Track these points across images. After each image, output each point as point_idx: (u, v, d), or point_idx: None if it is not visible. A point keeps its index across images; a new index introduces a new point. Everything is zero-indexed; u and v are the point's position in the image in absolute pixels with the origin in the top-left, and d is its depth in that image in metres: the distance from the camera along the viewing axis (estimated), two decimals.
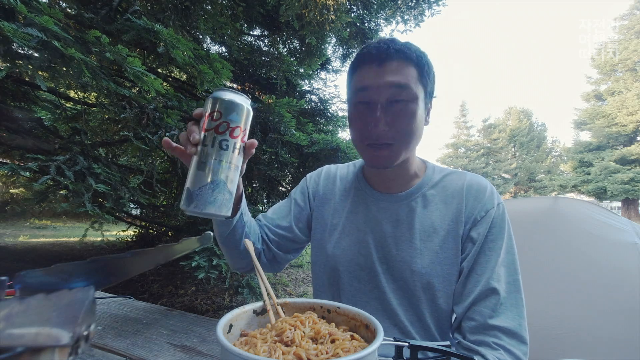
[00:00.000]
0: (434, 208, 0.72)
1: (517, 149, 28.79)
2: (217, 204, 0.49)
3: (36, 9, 1.45)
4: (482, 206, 0.70)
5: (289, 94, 3.49)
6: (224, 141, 0.49)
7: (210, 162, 0.49)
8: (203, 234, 0.57)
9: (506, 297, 0.64)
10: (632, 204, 17.99)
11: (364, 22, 3.88)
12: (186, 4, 2.49)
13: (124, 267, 0.42)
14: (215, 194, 0.48)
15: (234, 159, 0.51)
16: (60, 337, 0.28)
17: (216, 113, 0.49)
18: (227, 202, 0.50)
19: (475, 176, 0.75)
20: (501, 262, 0.66)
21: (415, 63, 0.66)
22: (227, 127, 0.49)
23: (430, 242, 0.69)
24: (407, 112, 0.65)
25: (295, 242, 0.84)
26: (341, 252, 0.76)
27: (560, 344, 1.48)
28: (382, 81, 0.64)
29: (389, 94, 0.64)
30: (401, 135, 0.66)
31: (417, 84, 0.65)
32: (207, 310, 3.10)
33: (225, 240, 0.71)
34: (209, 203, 0.48)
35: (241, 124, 0.51)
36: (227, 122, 0.49)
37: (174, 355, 0.61)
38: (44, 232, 8.06)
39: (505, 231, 0.69)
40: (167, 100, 2.26)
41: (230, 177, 0.50)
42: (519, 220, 1.90)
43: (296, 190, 0.88)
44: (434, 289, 0.68)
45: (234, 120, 0.50)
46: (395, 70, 0.64)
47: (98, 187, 1.88)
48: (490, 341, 0.61)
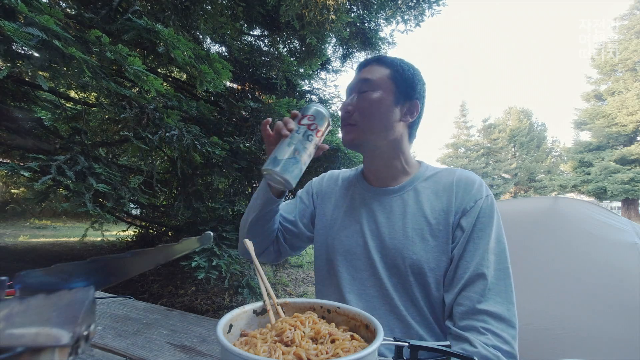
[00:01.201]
0: (425, 199, 0.77)
1: (517, 149, 28.79)
2: (293, 175, 0.64)
3: (37, 9, 1.45)
4: (471, 197, 0.74)
5: (289, 94, 3.48)
6: (310, 135, 0.67)
7: (297, 145, 0.66)
8: (203, 234, 0.57)
9: (495, 282, 0.66)
10: (632, 204, 17.99)
11: (364, 22, 3.89)
12: (186, 4, 2.49)
13: (124, 267, 0.42)
14: (294, 167, 0.64)
15: (310, 150, 0.68)
16: (60, 337, 0.28)
17: (311, 116, 0.69)
18: (297, 177, 0.65)
19: (464, 171, 0.81)
20: (491, 250, 0.69)
21: (388, 66, 0.80)
22: (315, 127, 0.69)
23: (421, 230, 0.74)
24: (370, 99, 0.78)
25: (299, 238, 0.91)
26: (339, 242, 0.82)
27: (560, 344, 1.48)
28: (358, 78, 0.82)
29: (360, 86, 0.80)
30: (363, 117, 0.78)
31: (386, 80, 0.79)
32: (207, 310, 3.10)
33: (264, 216, 0.81)
34: (288, 171, 0.63)
35: (322, 128, 0.71)
36: (316, 124, 0.69)
37: (174, 355, 0.61)
38: (44, 232, 8.06)
39: (494, 221, 0.72)
40: (167, 100, 2.26)
41: (305, 161, 0.67)
42: (519, 220, 1.90)
43: (302, 191, 0.98)
44: (425, 275, 0.72)
45: (319, 124, 0.70)
46: (368, 71, 0.81)
47: (99, 186, 1.88)
48: (479, 326, 0.62)
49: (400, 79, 0.79)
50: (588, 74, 21.94)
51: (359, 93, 0.79)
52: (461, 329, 0.64)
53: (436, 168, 0.84)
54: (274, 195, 0.79)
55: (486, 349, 0.59)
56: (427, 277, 0.71)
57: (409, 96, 0.80)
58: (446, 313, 0.71)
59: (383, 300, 0.74)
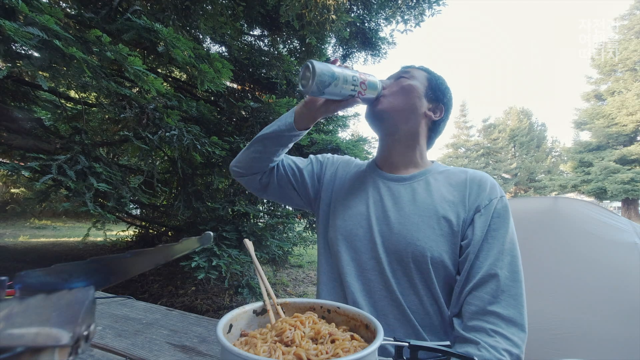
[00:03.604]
0: (435, 190, 0.77)
1: (517, 149, 28.77)
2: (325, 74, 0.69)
3: (37, 9, 1.45)
4: (486, 195, 0.74)
5: (289, 94, 3.48)
6: (355, 86, 0.74)
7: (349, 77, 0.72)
8: (203, 234, 0.57)
9: (509, 284, 0.65)
10: (632, 204, 17.98)
11: (364, 22, 3.89)
12: (186, 4, 2.49)
13: (124, 267, 0.42)
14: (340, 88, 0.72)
15: (347, 89, 0.73)
16: (60, 337, 0.28)
17: (367, 82, 0.76)
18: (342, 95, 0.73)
19: (477, 171, 0.81)
20: (506, 251, 0.68)
21: (428, 72, 0.88)
22: (365, 87, 0.76)
23: (428, 218, 0.73)
24: (405, 83, 0.83)
25: (292, 185, 0.92)
26: (342, 222, 0.82)
27: (561, 344, 1.48)
28: (400, 70, 0.89)
29: (399, 74, 0.86)
30: (393, 94, 0.82)
31: (423, 77, 0.85)
32: (207, 310, 3.10)
33: (276, 137, 0.83)
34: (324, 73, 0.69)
35: (366, 93, 0.77)
36: (365, 88, 0.76)
37: (174, 355, 0.61)
38: (44, 232, 8.05)
39: (509, 222, 0.71)
40: (167, 100, 2.26)
41: (339, 85, 0.71)
42: (519, 220, 1.90)
43: (316, 156, 0.99)
44: (427, 263, 0.70)
45: (368, 89, 0.77)
46: (411, 68, 0.88)
47: (99, 186, 1.88)
48: (488, 327, 0.61)
49: (435, 83, 0.85)
50: (588, 74, 21.94)
51: (398, 77, 0.85)
52: (469, 328, 0.63)
53: (448, 167, 0.85)
54: (295, 126, 0.81)
55: (492, 352, 0.58)
56: (428, 265, 0.70)
57: (438, 98, 0.85)
58: (455, 310, 0.70)
59: (381, 284, 0.73)
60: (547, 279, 1.66)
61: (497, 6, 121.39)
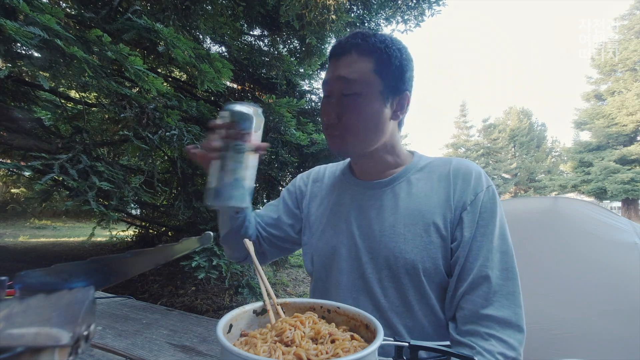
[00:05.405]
0: (419, 192, 0.71)
1: (517, 149, 28.76)
2: (238, 197, 0.59)
3: (38, 8, 1.45)
4: (471, 189, 0.68)
5: (289, 94, 3.48)
6: (239, 146, 0.59)
7: (230, 164, 0.59)
8: (203, 234, 0.57)
9: (500, 284, 0.62)
10: (632, 204, 17.98)
11: (364, 22, 3.88)
12: (186, 4, 2.49)
13: (124, 267, 0.42)
14: (235, 190, 0.59)
15: (247, 162, 0.60)
16: (60, 337, 0.28)
17: (232, 123, 0.59)
18: (242, 195, 0.60)
19: (461, 160, 0.74)
20: (495, 248, 0.64)
21: (372, 55, 0.67)
22: (242, 133, 0.59)
23: (414, 226, 0.68)
24: (354, 106, 0.67)
25: (283, 239, 0.86)
26: (324, 243, 0.76)
27: (560, 344, 1.48)
28: (335, 75, 0.69)
29: (340, 87, 0.68)
30: (348, 127, 0.69)
31: (371, 77, 0.67)
32: (207, 310, 3.10)
33: (232, 231, 0.76)
34: (232, 198, 0.59)
35: (252, 129, 0.60)
36: (242, 129, 0.59)
37: (174, 355, 0.61)
38: (44, 232, 8.05)
39: (497, 215, 0.66)
40: (167, 100, 2.26)
41: (246, 175, 0.60)
42: (519, 220, 1.90)
43: (286, 190, 0.92)
44: (419, 274, 0.66)
45: (246, 127, 0.59)
46: (347, 64, 0.68)
47: (102, 184, 1.88)
48: (483, 331, 0.59)
49: (387, 72, 0.68)
50: (588, 74, 21.92)
51: (342, 95, 0.68)
52: (464, 333, 0.62)
53: (430, 158, 0.78)
54: (232, 212, 0.75)
55: (487, 356, 0.56)
56: (421, 275, 0.66)
57: (398, 90, 0.70)
58: (450, 314, 0.67)
59: (372, 306, 0.69)
60: (547, 279, 1.66)
61: (497, 6, 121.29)
